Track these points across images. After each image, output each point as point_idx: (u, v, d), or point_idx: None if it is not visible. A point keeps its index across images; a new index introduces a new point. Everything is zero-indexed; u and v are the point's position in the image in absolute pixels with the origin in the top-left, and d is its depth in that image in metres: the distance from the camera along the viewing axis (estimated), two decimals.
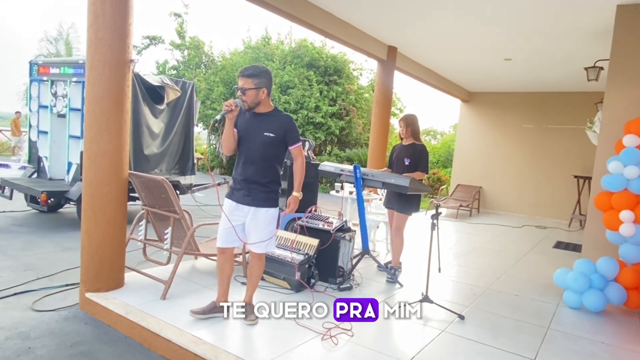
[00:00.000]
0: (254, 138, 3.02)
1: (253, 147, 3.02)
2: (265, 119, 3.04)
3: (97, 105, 3.43)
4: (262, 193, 3.03)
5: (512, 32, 6.05)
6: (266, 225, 3.08)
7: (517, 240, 7.53)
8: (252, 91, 2.94)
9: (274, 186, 3.10)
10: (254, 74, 2.94)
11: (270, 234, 3.11)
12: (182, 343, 2.86)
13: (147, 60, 21.42)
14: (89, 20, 3.40)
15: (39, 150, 7.25)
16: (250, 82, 2.93)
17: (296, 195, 3.13)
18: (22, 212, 7.10)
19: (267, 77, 2.99)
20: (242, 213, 3.06)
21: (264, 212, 3.05)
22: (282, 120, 3.05)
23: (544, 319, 3.77)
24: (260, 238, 3.07)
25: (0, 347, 2.91)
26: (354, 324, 3.27)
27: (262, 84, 2.96)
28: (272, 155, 3.05)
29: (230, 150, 3.09)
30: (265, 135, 3.00)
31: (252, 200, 3.03)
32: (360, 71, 17.16)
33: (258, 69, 2.98)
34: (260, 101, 2.99)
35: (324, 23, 5.85)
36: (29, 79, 7.36)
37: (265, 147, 3.01)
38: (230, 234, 3.05)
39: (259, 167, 3.02)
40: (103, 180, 3.47)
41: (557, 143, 10.36)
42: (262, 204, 3.04)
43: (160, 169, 7.14)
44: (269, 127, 3.01)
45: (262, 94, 2.97)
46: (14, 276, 4.23)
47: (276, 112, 3.11)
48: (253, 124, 3.04)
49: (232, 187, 3.13)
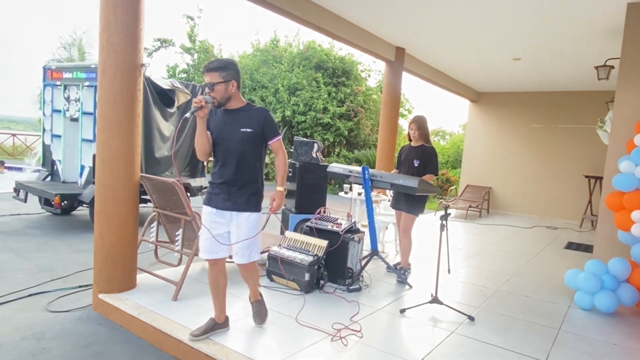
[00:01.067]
0: (230, 136, 2.78)
1: (230, 146, 2.78)
2: (239, 114, 2.80)
3: (109, 109, 3.48)
4: (243, 196, 2.79)
5: (521, 31, 6.02)
6: (249, 231, 2.80)
7: (528, 241, 7.48)
8: (220, 85, 2.71)
9: (256, 188, 2.84)
10: (220, 66, 2.71)
11: (253, 242, 2.84)
12: (193, 344, 2.89)
13: (157, 63, 21.60)
14: (101, 26, 3.46)
15: (52, 153, 7.37)
16: (217, 75, 2.70)
17: (280, 189, 2.87)
18: (37, 215, 7.22)
19: (234, 69, 2.76)
20: (224, 220, 2.83)
21: (246, 217, 2.79)
22: (258, 114, 2.80)
23: (555, 321, 3.75)
24: (242, 247, 2.81)
25: (16, 347, 2.96)
26: (363, 325, 3.29)
27: (230, 76, 2.72)
28: (251, 153, 2.80)
29: (205, 154, 2.86)
30: (242, 132, 2.76)
31: (233, 205, 2.79)
32: (369, 72, 17.17)
33: (223, 62, 2.76)
34: (231, 95, 2.76)
35: (332, 25, 5.88)
36: (43, 84, 7.49)
37: (243, 145, 2.77)
38: (214, 243, 2.82)
39: (238, 168, 2.78)
40: (115, 183, 3.52)
41: (567, 143, 10.27)
42: (244, 208, 2.79)
43: (171, 171, 7.22)
44: (245, 123, 2.77)
45: (232, 87, 2.74)
46: (29, 278, 4.30)
47: (250, 106, 2.86)
48: (227, 121, 2.81)
49: (210, 191, 2.88)
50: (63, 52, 18.91)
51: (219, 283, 2.98)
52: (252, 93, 15.87)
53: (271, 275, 4.14)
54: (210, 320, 3.01)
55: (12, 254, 5.02)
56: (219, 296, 3.01)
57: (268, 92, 15.76)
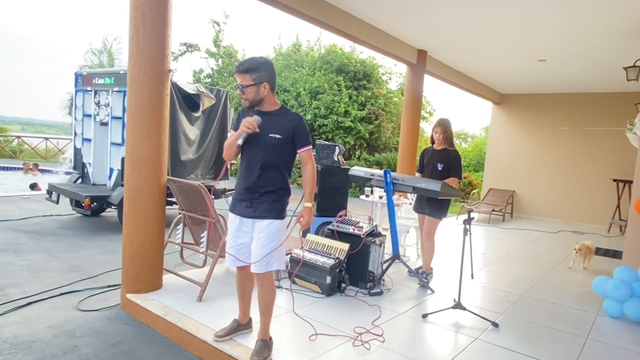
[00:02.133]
0: (257, 140, 2.65)
1: (256, 150, 2.65)
2: (271, 118, 2.66)
3: (138, 113, 3.57)
4: (265, 203, 2.66)
5: (546, 32, 5.91)
6: (268, 239, 2.65)
7: (553, 246, 7.31)
8: (251, 88, 2.58)
9: (280, 195, 2.70)
10: (251, 67, 2.57)
11: (272, 250, 2.67)
12: (217, 345, 2.93)
13: (183, 67, 22.09)
14: (130, 33, 3.55)
15: (83, 157, 7.61)
16: (247, 78, 2.57)
17: (308, 206, 2.71)
18: (67, 216, 7.44)
19: (267, 70, 2.61)
20: (247, 228, 2.72)
21: (266, 224, 2.65)
22: (290, 120, 2.66)
23: (583, 329, 3.66)
24: (260, 255, 2.65)
25: (49, 344, 3.07)
26: (385, 329, 3.29)
27: (263, 78, 2.59)
28: (277, 160, 2.66)
29: (232, 156, 2.74)
30: (271, 137, 2.62)
31: (254, 212, 2.68)
32: (390, 75, 17.11)
33: (255, 62, 2.59)
34: (263, 98, 2.64)
35: (354, 29, 5.90)
36: (74, 89, 7.75)
37: (269, 151, 2.64)
38: (238, 252, 2.76)
39: (262, 173, 2.65)
40: (143, 185, 3.62)
41: (594, 145, 10.01)
42: (265, 215, 2.66)
43: (195, 174, 7.36)
44: (275, 128, 2.63)
45: (264, 89, 2.61)
46: (61, 277, 4.45)
47: (283, 110, 2.72)
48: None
49: (235, 197, 2.79)
50: (93, 58, 19.54)
51: (245, 287, 2.97)
52: None
53: (293, 278, 4.18)
54: (234, 321, 3.05)
55: (46, 254, 5.21)
56: (244, 299, 3.01)
57: (290, 96, 15.88)
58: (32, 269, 4.64)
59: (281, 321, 3.31)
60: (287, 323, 3.31)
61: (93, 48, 19.85)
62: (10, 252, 5.16)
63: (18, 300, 3.77)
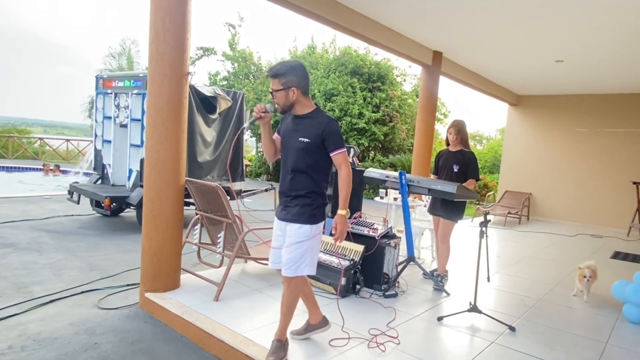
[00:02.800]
0: (290, 145, 2.68)
1: (288, 154, 2.70)
2: (302, 122, 2.66)
3: (157, 116, 3.64)
4: (296, 207, 2.66)
5: (564, 32, 5.84)
6: (297, 244, 2.65)
7: (571, 250, 7.20)
8: (280, 92, 2.60)
9: (312, 199, 2.67)
10: (280, 72, 2.58)
11: (300, 256, 2.65)
12: (234, 344, 2.97)
13: (199, 71, 22.28)
14: (151, 37, 3.62)
15: (103, 158, 7.76)
16: (277, 82, 2.59)
17: (342, 213, 2.66)
18: (88, 216, 7.60)
19: (296, 74, 2.59)
20: (281, 232, 2.77)
21: (296, 229, 2.65)
22: (319, 123, 2.62)
23: (602, 334, 3.61)
24: (286, 259, 2.66)
25: (70, 341, 3.15)
26: (400, 331, 3.29)
27: (291, 83, 2.58)
28: (308, 164, 2.64)
29: (272, 156, 2.84)
30: (300, 141, 2.62)
31: (286, 215, 2.71)
32: (404, 77, 17.04)
33: (284, 66, 2.60)
34: (293, 102, 2.63)
35: (370, 31, 5.91)
36: (95, 92, 7.91)
37: (299, 155, 2.63)
38: (275, 254, 2.81)
39: (293, 178, 2.67)
40: (162, 186, 3.68)
41: (614, 147, 9.82)
42: (295, 220, 2.66)
43: (212, 175, 7.45)
44: (305, 132, 2.62)
45: (293, 94, 2.60)
46: (82, 275, 4.56)
47: (316, 113, 2.68)
48: (291, 128, 2.70)
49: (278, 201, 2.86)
50: (113, 61, 19.92)
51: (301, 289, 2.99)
52: None
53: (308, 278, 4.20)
54: (306, 322, 3.11)
55: (67, 253, 5.33)
56: (309, 300, 3.03)
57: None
58: (54, 267, 4.76)
59: (295, 322, 3.33)
60: (302, 324, 3.33)
61: (112, 52, 20.25)
62: (34, 251, 5.30)
63: (41, 298, 3.87)
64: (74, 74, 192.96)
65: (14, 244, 5.51)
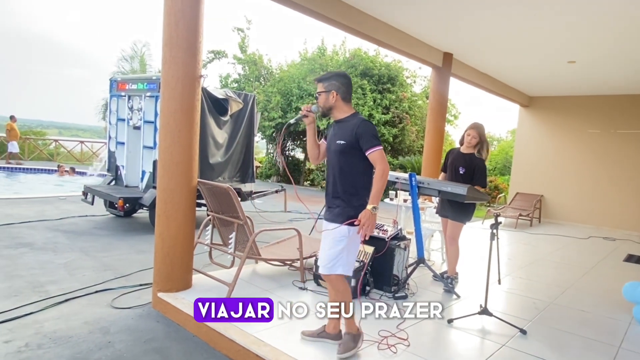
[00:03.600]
0: (331, 149, 2.89)
1: (330, 158, 2.92)
2: (340, 125, 2.87)
3: (170, 118, 3.69)
4: (337, 208, 2.82)
5: (577, 32, 5.79)
6: (333, 243, 2.80)
7: (583, 252, 7.12)
8: (322, 95, 2.86)
9: (353, 200, 2.78)
10: (324, 77, 2.88)
11: (335, 255, 2.79)
12: (245, 344, 3.00)
13: (211, 74, 22.42)
14: (164, 40, 3.67)
15: (116, 159, 7.87)
16: (320, 85, 2.88)
17: (368, 208, 2.68)
18: (102, 217, 7.70)
19: (338, 81, 2.84)
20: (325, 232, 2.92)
21: (332, 228, 2.82)
22: (353, 124, 2.78)
23: (615, 338, 3.57)
24: (325, 257, 2.85)
25: (85, 339, 3.21)
26: (410, 333, 3.29)
27: (332, 87, 2.82)
28: (348, 165, 2.80)
29: (314, 159, 3.04)
30: (337, 144, 2.81)
31: (329, 215, 2.89)
32: (414, 78, 16.99)
33: (329, 73, 2.93)
34: (332, 106, 2.85)
35: (380, 33, 5.92)
36: (109, 95, 8.02)
37: (338, 157, 2.83)
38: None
39: (335, 180, 2.85)
40: (175, 187, 3.73)
41: (627, 149, 9.69)
42: (334, 219, 2.83)
43: (223, 176, 7.52)
44: (341, 134, 2.82)
45: (333, 97, 2.83)
46: (96, 275, 4.64)
47: (352, 117, 2.86)
48: (332, 134, 2.92)
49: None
50: (125, 65, 20.16)
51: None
52: (300, 101, 16.15)
53: (318, 280, 4.22)
54: (322, 327, 3.13)
55: (81, 253, 5.43)
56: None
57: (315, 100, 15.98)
58: (69, 267, 4.85)
59: (306, 323, 3.35)
60: (312, 325, 3.35)
61: (125, 55, 20.50)
62: (50, 251, 5.40)
63: (56, 297, 3.95)
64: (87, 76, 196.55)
65: (30, 244, 5.63)
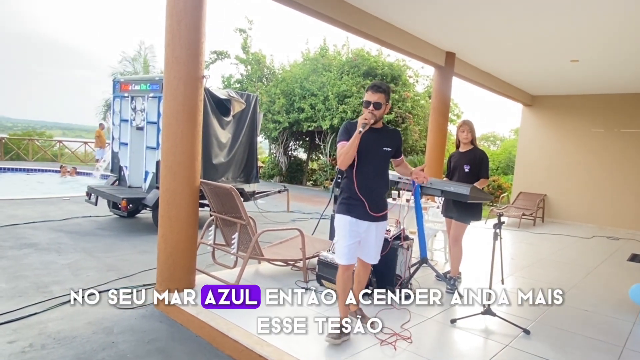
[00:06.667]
0: (374, 153, 3.09)
1: (374, 161, 3.10)
2: (381, 134, 3.15)
3: (173, 118, 3.70)
4: (383, 201, 3.17)
5: (579, 31, 5.76)
6: (383, 237, 3.30)
7: (587, 252, 7.10)
8: (383, 107, 3.05)
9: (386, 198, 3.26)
10: (387, 90, 3.08)
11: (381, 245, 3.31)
12: (248, 344, 3.01)
13: (213, 74, 22.42)
14: (166, 40, 3.68)
15: (120, 160, 7.89)
16: (383, 97, 3.03)
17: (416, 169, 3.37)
18: (105, 217, 7.72)
19: (390, 94, 3.16)
20: (360, 229, 3.09)
21: (384, 224, 3.21)
22: (395, 136, 3.24)
23: (619, 338, 3.56)
24: (378, 251, 3.25)
25: (88, 340, 3.22)
26: (413, 332, 3.29)
27: (388, 101, 3.11)
28: (386, 168, 3.23)
29: (347, 164, 3.07)
30: (384, 150, 3.12)
31: (377, 213, 3.10)
32: (417, 78, 16.96)
33: (388, 87, 3.13)
34: (383, 116, 3.13)
35: (383, 33, 5.91)
36: (112, 95, 8.04)
37: (383, 161, 3.16)
38: (352, 250, 3.10)
39: (381, 181, 3.14)
40: (178, 188, 3.74)
41: (631, 148, 9.64)
42: (384, 217, 3.17)
43: (226, 177, 7.53)
44: (386, 142, 3.14)
45: (386, 108, 3.11)
46: (99, 275, 4.65)
47: (387, 127, 3.27)
48: (372, 138, 3.07)
49: (348, 203, 3.10)
50: (128, 65, 20.21)
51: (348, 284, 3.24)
52: (302, 101, 16.15)
53: (320, 280, 4.22)
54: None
55: (85, 254, 5.44)
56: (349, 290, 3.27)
57: (317, 100, 15.96)
58: (72, 267, 4.87)
59: (309, 323, 3.35)
60: (315, 325, 3.35)
61: (127, 56, 20.56)
62: (53, 251, 5.42)
63: (60, 297, 3.96)
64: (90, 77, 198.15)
65: (34, 245, 5.65)
